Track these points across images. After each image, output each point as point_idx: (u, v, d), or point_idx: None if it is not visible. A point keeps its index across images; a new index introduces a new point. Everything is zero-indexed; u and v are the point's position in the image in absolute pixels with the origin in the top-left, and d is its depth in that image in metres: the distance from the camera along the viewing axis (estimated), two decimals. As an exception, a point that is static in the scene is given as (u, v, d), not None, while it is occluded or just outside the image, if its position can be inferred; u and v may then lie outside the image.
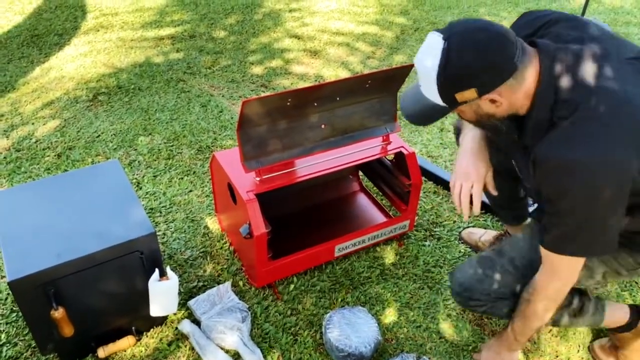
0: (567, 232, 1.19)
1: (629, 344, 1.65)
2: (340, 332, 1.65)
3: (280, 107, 1.61)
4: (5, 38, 3.48)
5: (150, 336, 1.70)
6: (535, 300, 1.37)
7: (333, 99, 1.72)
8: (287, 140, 1.71)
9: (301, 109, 1.68)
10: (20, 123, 2.65)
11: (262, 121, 1.63)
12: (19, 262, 1.41)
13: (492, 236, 2.04)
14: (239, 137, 1.62)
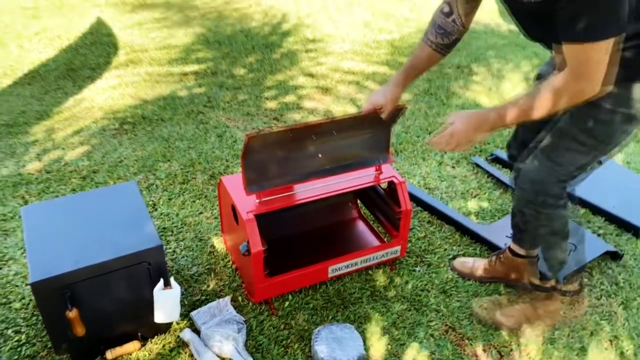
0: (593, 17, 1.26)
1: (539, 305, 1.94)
2: (327, 345, 1.78)
3: (281, 140, 1.80)
4: (44, 71, 3.79)
5: (154, 342, 1.86)
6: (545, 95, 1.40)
7: (330, 132, 1.90)
8: (287, 168, 1.90)
9: (300, 141, 1.86)
10: (52, 148, 2.90)
11: (264, 151, 1.81)
12: (41, 266, 1.61)
13: (482, 264, 2.16)
14: (242, 164, 1.80)
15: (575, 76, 1.37)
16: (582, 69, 1.36)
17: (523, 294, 2.02)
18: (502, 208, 2.55)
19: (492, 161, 2.88)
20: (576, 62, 1.36)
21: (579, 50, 1.33)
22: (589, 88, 1.38)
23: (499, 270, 2.09)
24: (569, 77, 1.39)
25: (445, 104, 3.46)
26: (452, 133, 1.60)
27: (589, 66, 1.35)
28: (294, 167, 1.91)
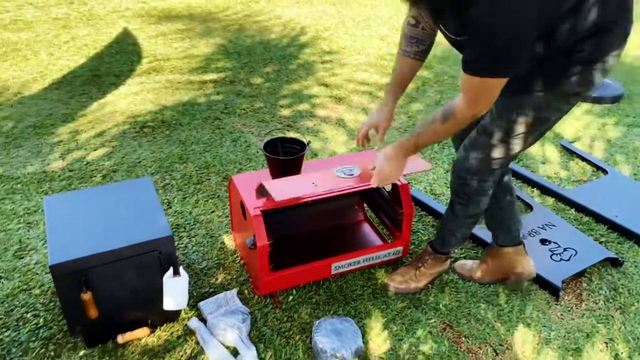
0: (489, 52, 1.39)
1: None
2: (326, 337, 1.85)
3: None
4: (71, 77, 3.98)
5: (163, 330, 1.96)
6: (451, 124, 1.60)
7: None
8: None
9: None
10: (75, 148, 3.05)
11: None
12: (60, 251, 1.72)
13: (480, 265, 2.22)
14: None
15: (471, 105, 1.53)
16: (476, 98, 1.52)
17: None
18: (506, 214, 2.60)
19: (498, 170, 2.94)
20: (472, 93, 1.51)
21: (475, 82, 1.46)
22: (480, 112, 1.56)
23: (493, 267, 2.16)
24: (465, 106, 1.55)
25: (455, 115, 3.53)
26: (378, 170, 1.84)
27: (483, 97, 1.50)
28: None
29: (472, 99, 1.52)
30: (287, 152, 2.10)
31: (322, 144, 3.17)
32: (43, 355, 1.86)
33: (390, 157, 1.81)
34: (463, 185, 1.91)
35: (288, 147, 2.13)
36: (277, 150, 2.10)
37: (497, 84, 1.45)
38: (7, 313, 2.01)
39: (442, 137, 1.71)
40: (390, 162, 1.81)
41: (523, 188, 2.79)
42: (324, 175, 1.98)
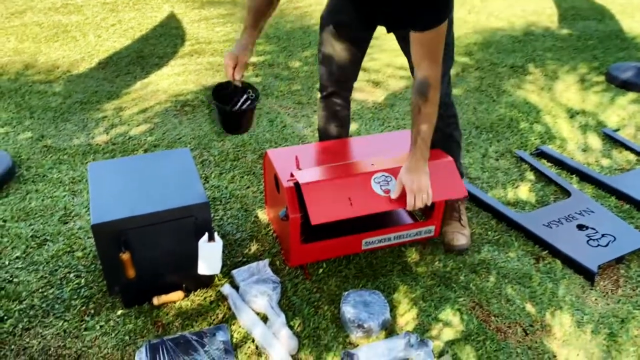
0: (436, 5, 1.62)
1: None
2: (354, 306, 1.88)
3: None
4: (117, 57, 4.11)
5: (196, 295, 2.02)
6: (432, 95, 1.73)
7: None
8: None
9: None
10: (119, 123, 3.16)
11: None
12: (101, 212, 1.80)
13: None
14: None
15: (435, 62, 1.70)
16: (437, 52, 1.68)
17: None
18: (542, 200, 2.56)
19: (536, 155, 2.89)
20: (432, 50, 1.68)
21: (431, 36, 1.65)
22: (441, 63, 1.72)
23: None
24: (432, 68, 1.71)
25: (495, 101, 3.48)
26: (409, 187, 1.85)
27: (439, 47, 1.68)
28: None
29: (434, 56, 1.69)
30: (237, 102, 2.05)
31: (357, 126, 3.18)
32: (84, 312, 1.95)
33: (412, 169, 1.85)
34: (448, 109, 2.11)
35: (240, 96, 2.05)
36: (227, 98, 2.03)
37: (444, 28, 1.65)
38: (52, 273, 2.12)
39: (435, 113, 1.80)
40: (415, 174, 1.85)
41: (561, 174, 2.73)
42: (360, 188, 1.94)
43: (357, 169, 2.03)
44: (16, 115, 3.25)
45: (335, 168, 2.04)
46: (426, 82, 1.72)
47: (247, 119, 2.09)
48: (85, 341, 1.85)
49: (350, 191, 1.94)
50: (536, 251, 2.24)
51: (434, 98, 1.75)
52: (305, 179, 1.93)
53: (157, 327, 1.90)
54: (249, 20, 1.93)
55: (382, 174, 1.99)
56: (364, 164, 2.04)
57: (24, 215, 2.42)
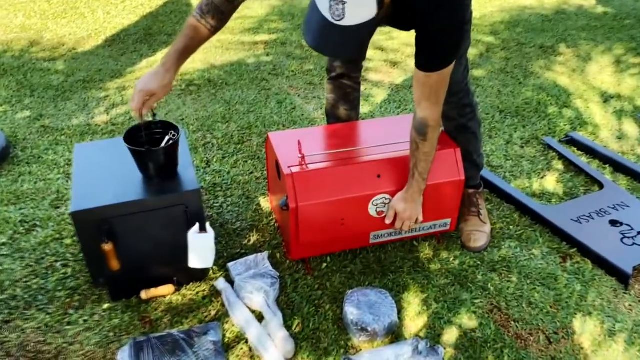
0: (443, 49, 1.50)
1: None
2: (357, 307, 1.71)
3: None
4: (124, 35, 3.96)
5: (188, 289, 1.87)
6: (431, 136, 1.64)
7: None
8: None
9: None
10: (121, 103, 3.02)
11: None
12: (83, 198, 1.65)
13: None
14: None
15: (436, 103, 1.60)
16: (438, 93, 1.58)
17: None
18: (571, 192, 2.33)
19: (566, 143, 2.65)
20: (434, 90, 1.57)
21: (435, 78, 1.54)
22: (442, 104, 1.62)
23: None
24: (432, 108, 1.60)
25: (521, 84, 3.23)
26: (402, 218, 1.83)
27: (443, 88, 1.57)
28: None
29: (435, 98, 1.59)
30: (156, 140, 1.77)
31: (371, 108, 2.98)
32: (68, 305, 1.82)
33: (407, 200, 1.81)
34: (464, 97, 1.93)
35: (159, 134, 1.79)
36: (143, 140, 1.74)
37: (450, 69, 1.53)
38: (38, 261, 1.99)
39: (433, 152, 1.72)
40: (409, 204, 1.81)
41: (592, 164, 2.50)
42: (356, 210, 1.84)
43: (361, 179, 1.84)
44: (16, 94, 3.12)
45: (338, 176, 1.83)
46: (425, 122, 1.63)
47: (170, 159, 1.76)
48: (67, 337, 1.71)
49: (345, 212, 1.84)
50: (563, 249, 2.03)
51: (432, 138, 1.67)
52: (303, 200, 1.77)
53: (144, 324, 1.76)
54: (179, 59, 1.70)
55: (382, 196, 1.84)
56: (371, 167, 1.85)
57: (14, 198, 2.29)
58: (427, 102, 1.60)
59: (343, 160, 1.86)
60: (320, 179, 1.81)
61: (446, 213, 2.00)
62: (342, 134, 2.09)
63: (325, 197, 1.81)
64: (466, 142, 2.04)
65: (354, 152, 1.91)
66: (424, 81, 1.56)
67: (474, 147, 2.10)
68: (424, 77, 1.55)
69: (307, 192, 1.79)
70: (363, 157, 1.88)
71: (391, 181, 1.85)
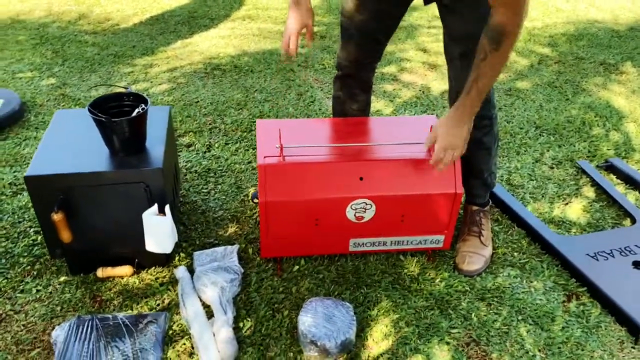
0: None
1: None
2: (313, 318, 1.54)
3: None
4: (169, 15, 3.97)
5: (148, 273, 1.78)
6: (506, 46, 1.38)
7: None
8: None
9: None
10: (142, 80, 2.99)
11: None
12: (41, 164, 1.59)
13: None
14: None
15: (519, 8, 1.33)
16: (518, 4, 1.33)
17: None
18: (597, 223, 2.04)
19: (604, 169, 2.34)
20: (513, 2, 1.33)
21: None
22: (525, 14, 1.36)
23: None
24: (514, 13, 1.34)
25: (568, 100, 2.92)
26: (443, 147, 1.56)
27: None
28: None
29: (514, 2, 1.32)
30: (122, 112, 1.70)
31: (394, 108, 2.78)
32: (27, 272, 1.77)
33: (454, 123, 1.55)
34: (483, 107, 1.57)
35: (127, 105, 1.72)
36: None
37: None
38: (14, 225, 1.96)
39: (503, 65, 1.45)
40: (456, 129, 1.55)
41: (629, 195, 2.18)
42: (332, 211, 1.68)
43: (341, 180, 1.66)
44: (48, 62, 3.18)
45: (315, 173, 1.67)
46: (502, 29, 1.36)
47: (135, 132, 1.67)
48: (16, 304, 1.66)
49: (320, 213, 1.68)
50: (570, 286, 1.77)
51: (506, 50, 1.40)
52: (274, 195, 1.62)
53: (94, 302, 1.68)
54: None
55: (363, 201, 1.66)
56: (354, 168, 1.67)
57: (12, 160, 2.30)
58: (503, 8, 1.34)
59: (325, 156, 1.71)
60: (295, 174, 1.66)
61: (438, 228, 1.79)
62: (335, 129, 1.93)
63: (298, 195, 1.66)
64: (478, 159, 1.84)
65: (339, 149, 1.75)
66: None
67: (486, 164, 1.88)
68: None
69: (278, 187, 1.64)
70: (347, 156, 1.71)
71: (374, 185, 1.67)
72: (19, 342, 1.55)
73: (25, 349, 1.54)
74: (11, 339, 1.56)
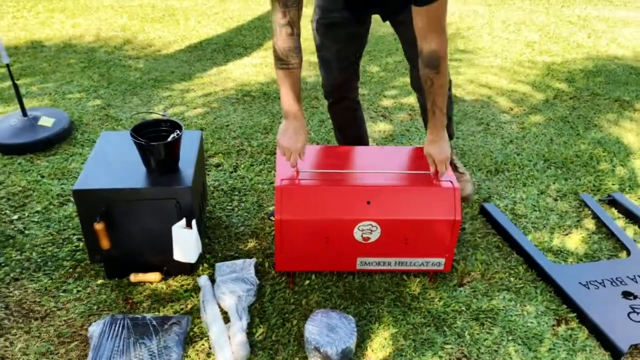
0: None
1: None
2: (317, 327, 1.71)
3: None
4: (206, 43, 4.26)
5: (175, 280, 1.98)
6: (443, 67, 1.68)
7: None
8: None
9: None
10: (179, 103, 3.26)
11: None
12: (87, 179, 1.83)
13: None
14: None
15: (443, 32, 1.64)
16: (442, 22, 1.63)
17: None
18: (594, 254, 2.16)
19: (607, 203, 2.46)
20: (440, 19, 1.62)
21: (440, 5, 1.58)
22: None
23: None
24: (440, 38, 1.63)
25: (579, 135, 3.04)
26: (445, 156, 1.84)
27: (444, 16, 1.62)
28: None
29: (440, 26, 1.63)
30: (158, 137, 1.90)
31: (406, 141, 2.96)
32: (70, 274, 2.00)
33: (436, 140, 1.85)
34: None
35: (164, 131, 1.92)
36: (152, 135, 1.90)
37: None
38: (59, 232, 2.21)
39: (447, 83, 1.77)
40: (439, 143, 1.85)
41: (628, 229, 2.29)
42: (340, 231, 1.84)
43: (349, 203, 1.85)
44: (95, 84, 3.48)
45: (326, 196, 1.85)
46: (436, 54, 1.67)
47: (169, 155, 1.89)
48: (59, 302, 1.89)
49: (330, 233, 1.86)
50: (561, 312, 1.89)
51: (444, 69, 1.71)
52: (288, 214, 1.81)
53: (126, 304, 1.89)
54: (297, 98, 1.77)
55: (369, 223, 1.84)
56: (362, 192, 1.85)
57: (60, 174, 2.56)
58: (433, 34, 1.63)
59: (335, 180, 1.89)
60: (308, 196, 1.85)
61: (439, 251, 1.94)
62: (347, 156, 2.12)
63: (310, 215, 1.84)
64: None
65: (349, 174, 1.93)
66: (426, 14, 1.60)
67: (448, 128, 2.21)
68: (424, 11, 1.59)
69: (293, 207, 1.84)
70: (356, 181, 1.90)
71: (380, 209, 1.85)
72: (60, 334, 1.77)
73: (66, 341, 1.75)
74: (54, 332, 1.78)
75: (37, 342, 1.74)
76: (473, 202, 2.44)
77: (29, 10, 4.92)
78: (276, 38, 1.71)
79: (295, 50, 1.72)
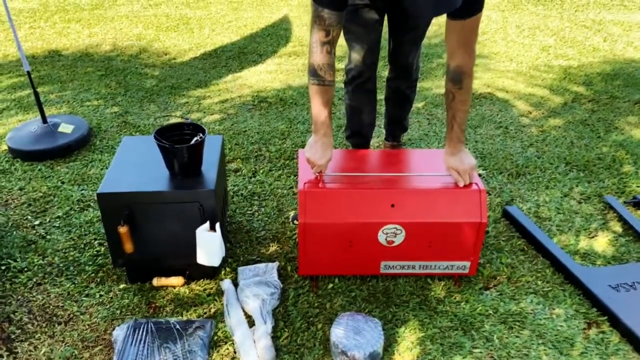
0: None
1: None
2: (344, 331, 1.69)
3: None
4: (221, 51, 4.28)
5: (197, 284, 1.97)
6: (467, 83, 1.72)
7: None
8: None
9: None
10: (197, 110, 3.26)
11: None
12: (111, 182, 1.83)
13: None
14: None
15: (474, 48, 1.69)
16: (474, 39, 1.68)
17: None
18: (622, 257, 2.12)
19: (632, 205, 2.42)
20: (471, 36, 1.67)
21: (478, 20, 1.63)
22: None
23: None
24: (470, 54, 1.69)
25: (600, 138, 3.00)
26: (464, 170, 1.83)
27: (477, 33, 1.68)
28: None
29: (470, 45, 1.68)
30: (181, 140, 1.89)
31: (424, 145, 2.93)
32: (92, 279, 2.00)
33: (455, 153, 1.87)
34: (415, 72, 2.39)
35: (187, 134, 1.92)
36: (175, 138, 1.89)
37: (481, 15, 1.64)
38: (81, 237, 2.20)
39: (469, 100, 1.79)
40: (458, 156, 1.86)
41: (656, 231, 2.25)
42: (365, 235, 1.83)
43: (374, 206, 1.83)
44: (112, 92, 3.50)
45: (350, 199, 1.83)
46: (461, 70, 1.71)
47: (192, 158, 1.88)
48: (82, 307, 1.88)
49: (353, 236, 1.85)
50: (592, 315, 1.85)
51: (468, 86, 1.74)
52: (312, 218, 1.81)
53: (149, 308, 1.88)
54: (328, 114, 1.83)
55: (394, 227, 1.82)
56: (386, 196, 1.83)
57: (80, 180, 2.57)
58: (461, 50, 1.68)
59: (359, 184, 1.87)
60: (332, 200, 1.84)
61: (464, 255, 1.92)
62: (369, 159, 2.10)
63: (333, 218, 1.83)
64: (403, 109, 2.54)
65: (372, 178, 1.91)
66: (459, 30, 1.65)
67: (407, 112, 2.58)
68: (459, 26, 1.63)
69: (317, 210, 1.82)
70: (380, 184, 1.88)
71: (404, 212, 1.83)
72: (84, 339, 1.76)
73: (89, 345, 1.74)
74: (77, 336, 1.77)
75: (62, 346, 1.73)
76: (495, 205, 2.41)
77: (46, 21, 4.98)
78: (315, 55, 1.74)
79: (331, 68, 1.76)
